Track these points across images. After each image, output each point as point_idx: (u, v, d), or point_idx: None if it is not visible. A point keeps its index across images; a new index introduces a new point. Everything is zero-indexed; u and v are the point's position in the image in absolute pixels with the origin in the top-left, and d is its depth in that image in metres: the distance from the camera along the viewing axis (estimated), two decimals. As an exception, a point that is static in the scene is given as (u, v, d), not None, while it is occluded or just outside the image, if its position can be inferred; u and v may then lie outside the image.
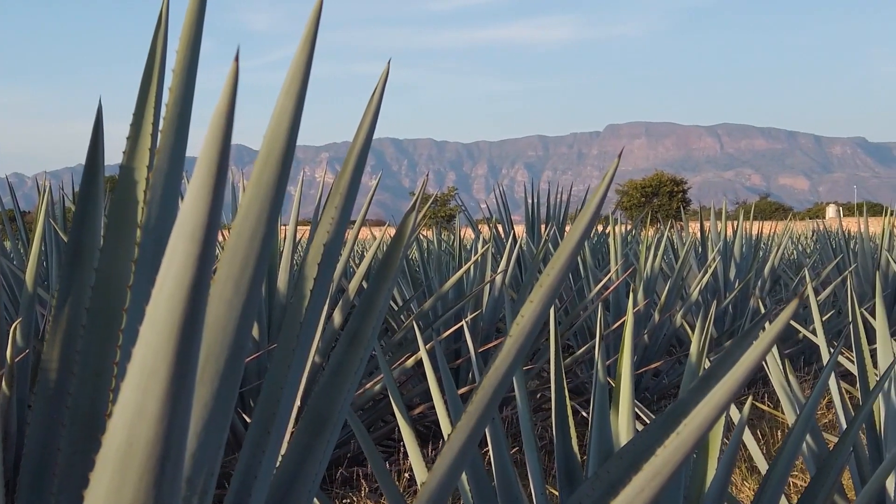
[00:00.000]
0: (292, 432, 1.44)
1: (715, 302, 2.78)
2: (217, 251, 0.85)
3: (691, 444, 0.96)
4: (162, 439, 0.84)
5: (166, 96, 1.18)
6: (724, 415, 2.09)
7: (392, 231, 8.79)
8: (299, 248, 6.07)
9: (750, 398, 1.90)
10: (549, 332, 6.33)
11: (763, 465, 2.82)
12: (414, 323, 2.41)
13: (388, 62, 1.35)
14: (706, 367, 1.76)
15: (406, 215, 1.61)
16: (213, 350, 1.02)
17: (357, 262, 8.01)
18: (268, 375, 1.30)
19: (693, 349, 1.99)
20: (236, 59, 0.77)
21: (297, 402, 1.48)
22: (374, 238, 7.61)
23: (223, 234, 4.57)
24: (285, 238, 4.82)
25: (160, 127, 1.18)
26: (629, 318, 1.98)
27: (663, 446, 0.96)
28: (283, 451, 1.42)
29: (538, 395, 5.60)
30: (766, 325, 3.00)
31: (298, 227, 4.93)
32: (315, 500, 1.94)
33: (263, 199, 0.99)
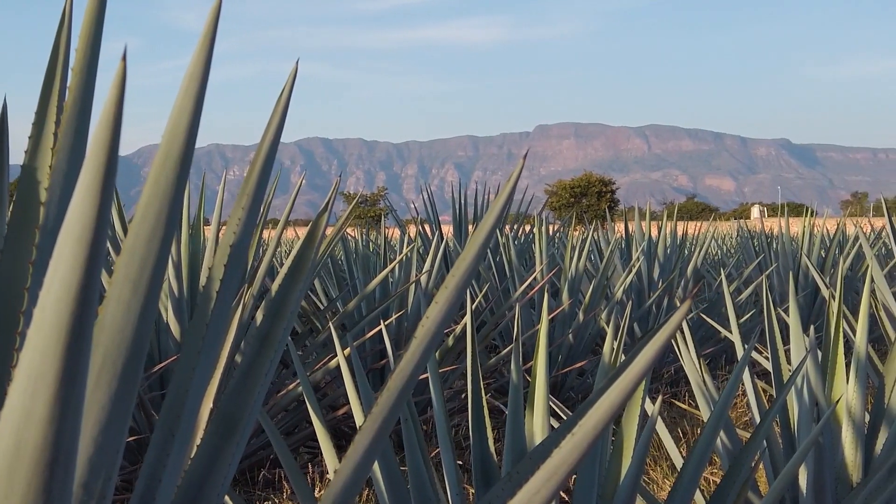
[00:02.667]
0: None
1: (631, 302, 2.80)
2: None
3: (587, 445, 0.97)
4: (51, 444, 0.82)
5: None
6: (640, 413, 2.11)
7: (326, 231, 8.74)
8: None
9: (660, 396, 1.92)
10: (481, 331, 6.34)
11: (680, 462, 2.86)
12: (332, 326, 2.40)
13: (297, 62, 1.34)
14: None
15: (318, 216, 1.60)
16: (111, 352, 1.01)
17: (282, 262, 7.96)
18: (172, 379, 1.28)
19: (606, 349, 2.00)
20: (123, 58, 0.76)
21: (211, 405, 1.47)
22: (299, 238, 7.57)
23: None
24: (209, 238, 4.78)
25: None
26: (544, 320, 1.99)
27: (558, 448, 0.97)
28: (192, 455, 1.41)
29: (462, 395, 5.62)
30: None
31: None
32: (228, 500, 1.93)
33: (162, 199, 0.98)
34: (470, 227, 9.96)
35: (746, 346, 2.54)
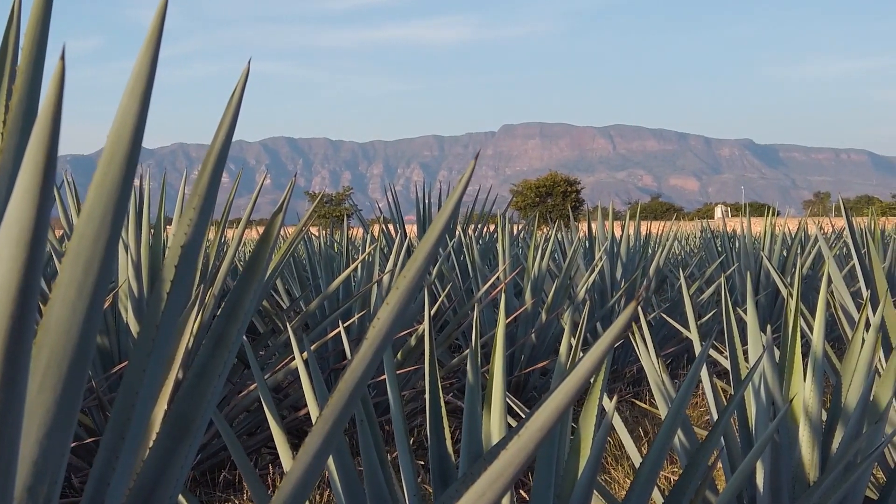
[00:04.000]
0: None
1: (592, 302, 2.81)
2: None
3: (533, 446, 0.97)
4: (-9, 448, 0.81)
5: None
6: (598, 412, 2.11)
7: (288, 230, 8.71)
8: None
9: (616, 395, 1.92)
10: (444, 331, 6.32)
11: (639, 461, 2.87)
12: (290, 329, 2.38)
13: (248, 62, 1.33)
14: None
15: (273, 216, 1.59)
16: (56, 355, 1.00)
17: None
18: (123, 380, 1.27)
19: (562, 349, 2.01)
20: (62, 57, 0.75)
21: (165, 406, 1.46)
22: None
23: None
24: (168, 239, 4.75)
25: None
26: (501, 321, 1.99)
27: (505, 449, 0.97)
28: (145, 457, 1.40)
29: (425, 396, 5.61)
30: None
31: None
32: (183, 500, 1.92)
33: (107, 200, 0.97)
34: (434, 226, 9.93)
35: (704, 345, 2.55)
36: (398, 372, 4.90)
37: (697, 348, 3.11)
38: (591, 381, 2.09)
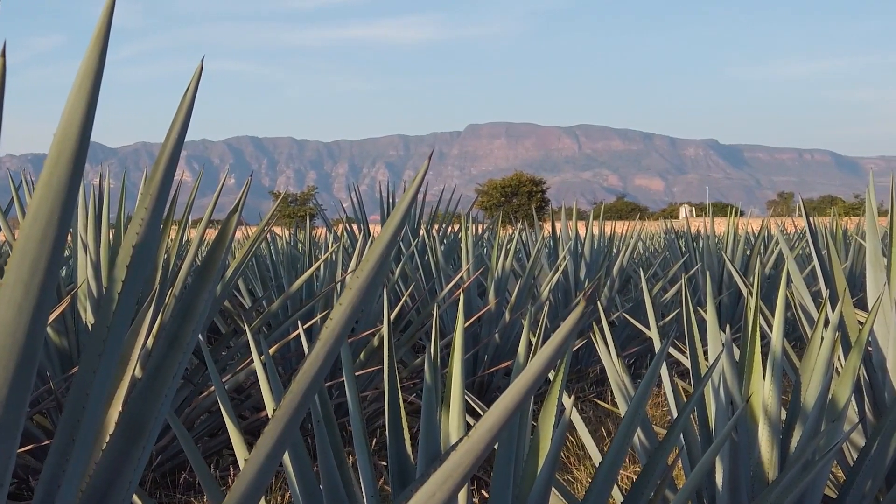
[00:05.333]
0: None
1: (551, 302, 2.82)
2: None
3: (483, 447, 0.97)
4: (-69, 451, 0.80)
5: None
6: (557, 411, 2.11)
7: (251, 230, 8.67)
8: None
9: (573, 395, 1.93)
10: (407, 331, 6.30)
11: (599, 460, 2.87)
12: (248, 331, 2.36)
13: (202, 60, 1.32)
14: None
15: (229, 215, 1.58)
16: (2, 356, 0.98)
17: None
18: (74, 381, 1.26)
19: (521, 348, 2.01)
20: (2, 54, 0.74)
21: (120, 408, 1.45)
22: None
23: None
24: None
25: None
26: (459, 321, 1.99)
27: (455, 450, 0.96)
28: (98, 458, 1.39)
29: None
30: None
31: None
32: (138, 499, 1.90)
33: (54, 200, 0.96)
34: (399, 226, 9.89)
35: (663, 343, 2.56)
36: (361, 372, 4.89)
37: (657, 343, 3.12)
38: (551, 379, 2.10)
